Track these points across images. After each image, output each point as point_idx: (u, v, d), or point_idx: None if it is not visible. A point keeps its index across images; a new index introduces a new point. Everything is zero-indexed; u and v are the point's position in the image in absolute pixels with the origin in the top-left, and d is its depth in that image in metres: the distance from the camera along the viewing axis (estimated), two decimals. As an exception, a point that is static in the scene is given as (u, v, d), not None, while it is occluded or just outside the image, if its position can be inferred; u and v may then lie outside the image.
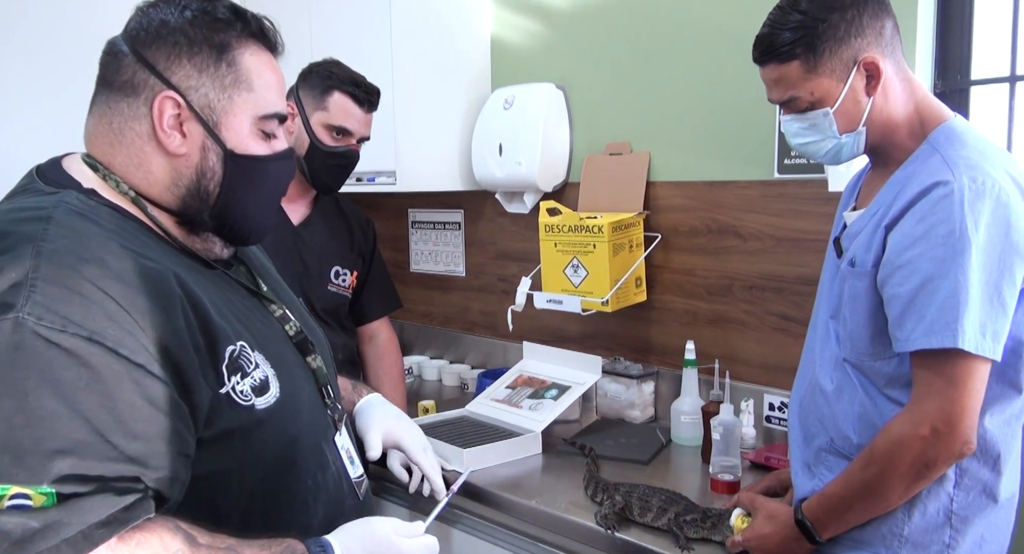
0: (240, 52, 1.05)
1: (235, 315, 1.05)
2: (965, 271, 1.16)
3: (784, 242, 2.03)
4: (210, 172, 1.04)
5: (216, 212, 1.06)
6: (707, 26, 2.13)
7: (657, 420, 2.27)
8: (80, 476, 0.82)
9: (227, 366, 0.98)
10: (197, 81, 1.02)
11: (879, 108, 1.30)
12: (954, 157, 1.22)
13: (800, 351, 2.02)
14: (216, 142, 1.03)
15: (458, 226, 2.84)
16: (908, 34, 1.81)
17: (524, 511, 1.75)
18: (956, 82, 1.85)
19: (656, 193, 2.27)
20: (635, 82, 2.29)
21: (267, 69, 1.07)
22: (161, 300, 0.92)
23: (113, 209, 1.01)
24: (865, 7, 1.28)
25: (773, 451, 1.92)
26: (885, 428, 1.25)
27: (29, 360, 0.82)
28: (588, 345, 2.44)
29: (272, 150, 1.09)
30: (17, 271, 0.85)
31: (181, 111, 1.02)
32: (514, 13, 2.56)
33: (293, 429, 1.07)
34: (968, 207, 1.16)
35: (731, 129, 2.11)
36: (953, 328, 1.15)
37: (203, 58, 1.02)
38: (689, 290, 2.23)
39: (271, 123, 1.08)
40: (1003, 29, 1.81)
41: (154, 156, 1.03)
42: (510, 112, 2.43)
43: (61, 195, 0.98)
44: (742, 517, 1.47)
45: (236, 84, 1.04)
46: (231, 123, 1.04)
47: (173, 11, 1.03)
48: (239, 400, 0.99)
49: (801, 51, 1.28)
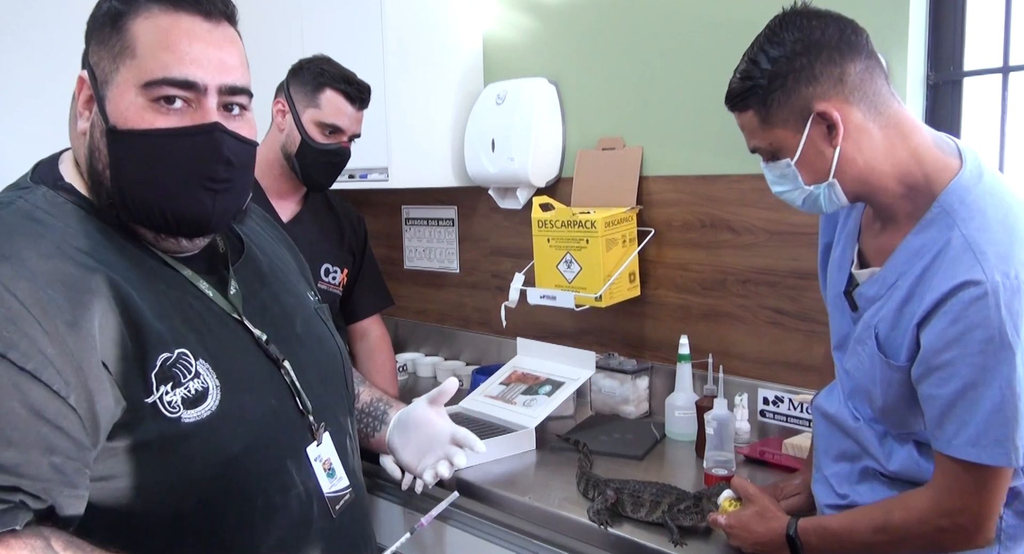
0: (132, 18, 0.95)
1: (188, 320, 0.98)
2: (1011, 380, 1.07)
3: (777, 236, 2.03)
4: (97, 150, 0.96)
5: (115, 198, 0.96)
6: (699, 20, 2.12)
7: (651, 415, 2.27)
8: None
9: (156, 374, 0.92)
10: (98, 56, 0.96)
11: (850, 158, 1.19)
12: (978, 242, 1.11)
13: (794, 345, 2.02)
14: (102, 118, 0.95)
15: (451, 222, 2.83)
16: (901, 26, 1.81)
17: (518, 507, 1.75)
18: (949, 73, 1.85)
19: (649, 188, 2.26)
20: (628, 77, 2.28)
21: (164, 31, 0.94)
22: (77, 305, 0.87)
23: (82, 207, 0.97)
24: (819, 55, 1.17)
25: (767, 445, 1.92)
26: (906, 501, 1.21)
27: None
28: (582, 341, 2.44)
29: (170, 124, 0.95)
30: None
31: (89, 89, 0.97)
32: (506, 8, 2.55)
33: (232, 446, 0.98)
34: (1005, 310, 1.07)
35: (724, 123, 2.09)
36: (1005, 447, 1.09)
37: (102, 31, 0.97)
38: (683, 285, 2.23)
39: (162, 90, 0.94)
40: (996, 20, 1.80)
41: (76, 139, 0.99)
42: (503, 107, 2.42)
43: (28, 191, 0.96)
44: (731, 500, 1.47)
45: (123, 52, 0.94)
46: (114, 95, 0.94)
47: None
48: (165, 411, 0.92)
49: (754, 102, 1.22)
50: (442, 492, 1.60)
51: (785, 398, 2.02)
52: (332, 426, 1.15)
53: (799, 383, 2.02)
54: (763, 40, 1.22)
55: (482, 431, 2.01)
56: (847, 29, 1.19)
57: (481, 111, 2.49)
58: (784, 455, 1.87)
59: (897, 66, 1.82)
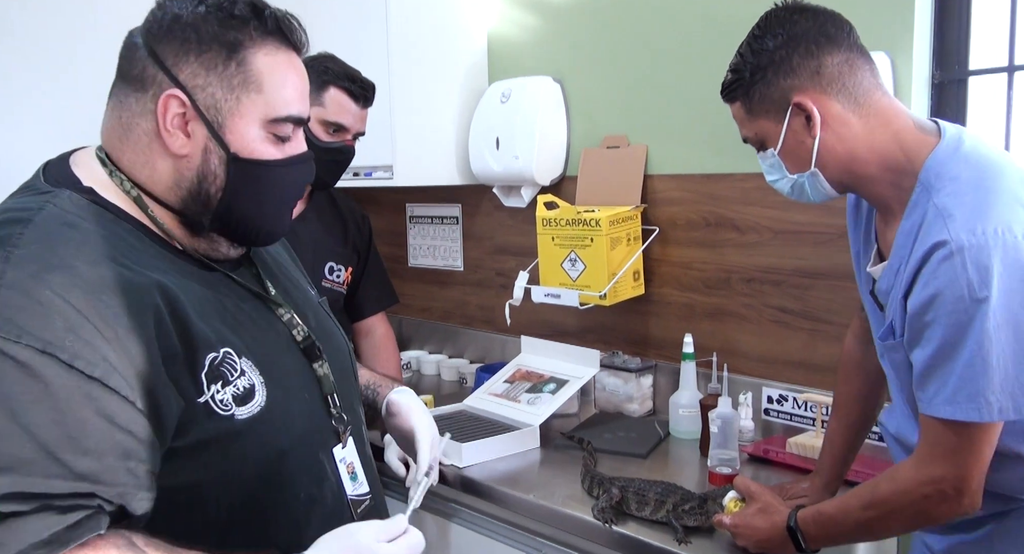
0: (253, 52, 0.99)
1: (225, 320, 1.00)
2: (982, 336, 1.07)
3: (782, 235, 2.03)
4: (211, 175, 1.00)
5: (218, 216, 1.02)
6: (704, 18, 2.12)
7: (655, 413, 2.27)
8: (21, 494, 0.79)
9: (206, 374, 0.94)
10: (204, 80, 0.98)
11: (830, 147, 1.23)
12: (948, 206, 1.13)
13: (798, 344, 2.02)
14: (219, 145, 0.99)
15: (456, 220, 2.83)
16: (906, 25, 1.80)
17: (522, 505, 1.75)
18: (954, 72, 1.84)
19: (654, 186, 2.26)
20: (632, 75, 2.28)
21: (283, 70, 1.02)
22: (131, 309, 0.88)
23: (107, 209, 0.98)
24: (796, 47, 1.21)
25: (771, 444, 1.92)
26: (892, 474, 1.21)
27: None
28: (586, 339, 2.44)
29: (284, 154, 1.04)
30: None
31: (186, 110, 0.98)
32: (511, 6, 2.55)
33: (280, 441, 1.01)
34: (972, 266, 1.08)
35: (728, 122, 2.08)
36: (977, 401, 1.09)
37: (212, 56, 0.98)
38: (687, 283, 2.23)
39: (283, 126, 1.03)
40: (1001, 19, 1.80)
41: (158, 155, 1.00)
42: (507, 106, 2.42)
43: (52, 195, 0.96)
44: (735, 500, 1.47)
45: (245, 85, 0.99)
46: (236, 126, 1.00)
47: (189, 5, 0.99)
48: (218, 410, 0.95)
49: (739, 94, 1.29)
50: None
51: (789, 397, 2.02)
52: (353, 426, 1.17)
53: (803, 382, 2.02)
54: (750, 35, 1.27)
55: (486, 429, 2.02)
56: (827, 23, 1.23)
57: (486, 109, 2.49)
58: (788, 454, 1.87)
59: (902, 65, 1.82)
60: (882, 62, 1.80)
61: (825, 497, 1.58)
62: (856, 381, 1.55)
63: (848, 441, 1.58)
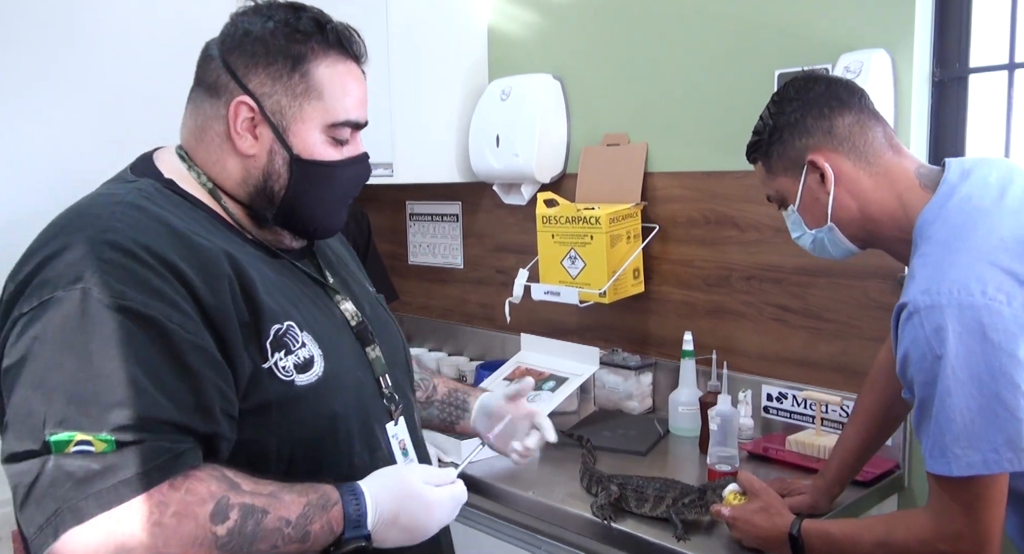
0: (315, 63, 1.11)
1: (289, 298, 1.10)
2: (945, 393, 1.10)
3: (782, 232, 2.01)
4: (276, 174, 1.11)
5: (281, 211, 1.13)
6: (705, 17, 2.12)
7: (655, 411, 2.27)
8: (136, 427, 0.90)
9: (271, 343, 1.04)
10: (271, 89, 1.09)
11: (843, 204, 1.30)
12: (915, 266, 1.19)
13: (798, 342, 2.02)
14: (283, 147, 1.10)
15: (456, 218, 2.83)
16: (906, 23, 1.80)
17: (522, 502, 1.75)
18: (954, 70, 1.84)
19: (654, 184, 2.26)
20: (632, 73, 2.28)
21: (342, 79, 1.13)
22: (210, 277, 0.99)
23: (185, 198, 1.10)
24: (810, 110, 1.31)
25: (771, 441, 1.92)
26: (909, 521, 1.22)
27: (93, 325, 0.91)
28: (586, 336, 2.44)
29: (342, 156, 1.15)
30: (85, 248, 0.95)
31: (254, 115, 1.09)
32: (511, 3, 2.54)
33: (334, 406, 1.10)
34: (928, 327, 1.11)
35: (729, 119, 2.10)
36: (946, 456, 1.11)
37: (278, 68, 1.09)
38: (687, 281, 2.23)
39: (342, 130, 1.14)
40: (1002, 16, 1.80)
41: (229, 154, 1.11)
42: (507, 103, 2.42)
43: (139, 183, 1.08)
44: (735, 493, 1.48)
45: (307, 93, 1.10)
46: (299, 130, 1.11)
47: (259, 21, 1.10)
48: (280, 375, 1.04)
49: (759, 155, 1.38)
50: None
51: (789, 394, 2.02)
52: (405, 409, 1.25)
53: (803, 380, 2.02)
54: (771, 101, 1.38)
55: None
56: (839, 88, 1.33)
57: (486, 107, 2.49)
58: (787, 451, 1.87)
59: (903, 63, 1.82)
60: (882, 60, 1.80)
61: (825, 500, 1.59)
62: (883, 393, 1.55)
63: (861, 450, 1.58)
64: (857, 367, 1.92)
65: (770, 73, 1.98)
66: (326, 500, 1.02)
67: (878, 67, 1.78)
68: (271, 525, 0.97)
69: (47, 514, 0.87)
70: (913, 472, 1.87)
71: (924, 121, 1.87)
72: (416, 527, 1.08)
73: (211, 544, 0.92)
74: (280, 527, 0.97)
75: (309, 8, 1.14)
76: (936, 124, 1.88)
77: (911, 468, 1.87)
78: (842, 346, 1.96)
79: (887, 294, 1.87)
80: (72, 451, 0.88)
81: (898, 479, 1.84)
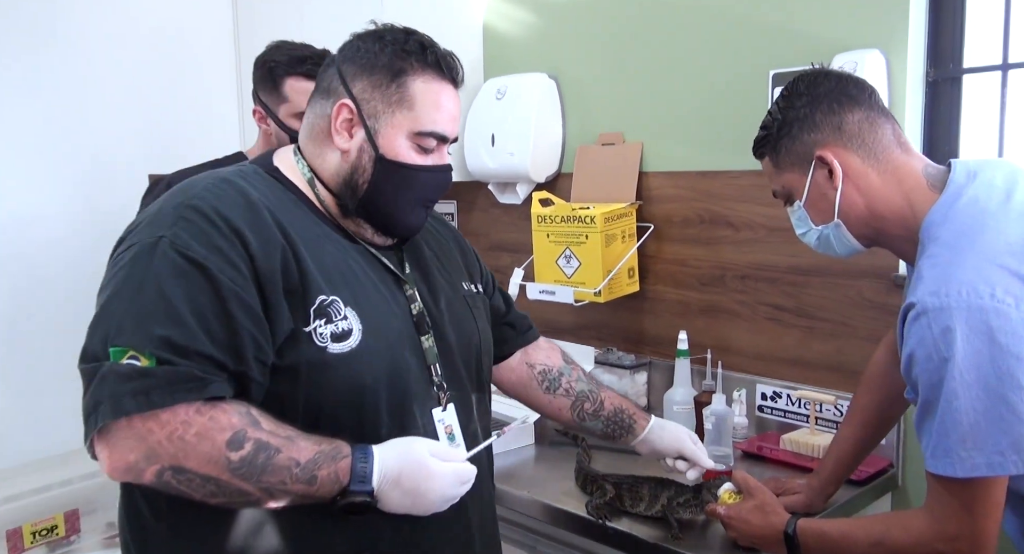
0: (412, 78, 1.24)
1: (346, 277, 1.21)
2: (951, 394, 1.10)
3: (777, 232, 2.03)
4: (361, 169, 1.24)
5: (362, 203, 1.25)
6: (700, 16, 2.12)
7: (650, 410, 2.27)
8: (176, 351, 1.05)
9: (315, 310, 1.15)
10: (370, 95, 1.23)
11: (852, 200, 1.30)
12: (922, 267, 1.18)
13: (792, 341, 2.03)
14: (372, 146, 1.23)
15: (451, 217, 2.83)
16: (901, 23, 1.81)
17: (517, 501, 1.75)
18: (948, 71, 1.85)
19: (649, 183, 2.26)
20: (628, 72, 2.28)
21: (434, 94, 1.25)
22: (267, 244, 1.14)
23: (282, 183, 1.25)
24: (819, 105, 1.30)
25: (765, 440, 1.92)
26: (905, 521, 1.22)
27: (158, 264, 1.08)
28: (581, 336, 2.44)
29: (424, 162, 1.26)
30: (174, 210, 1.13)
31: (353, 117, 1.23)
32: (506, 2, 2.54)
33: (364, 378, 1.18)
34: (936, 328, 1.11)
35: (724, 119, 2.10)
36: (950, 457, 1.11)
37: (380, 78, 1.23)
38: (682, 280, 2.23)
39: (427, 140, 1.25)
40: (995, 17, 1.80)
41: (328, 148, 1.26)
42: (502, 102, 2.42)
43: (245, 166, 1.27)
44: (731, 492, 1.48)
45: (400, 102, 1.23)
46: (388, 133, 1.24)
47: (375, 41, 1.26)
48: (316, 340, 1.15)
49: (767, 150, 1.37)
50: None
51: (783, 393, 2.02)
52: (459, 399, 1.32)
53: (797, 379, 2.03)
54: (780, 95, 1.37)
55: (481, 425, 2.02)
56: (849, 84, 1.32)
57: (481, 106, 2.49)
58: (782, 450, 1.88)
59: (897, 63, 1.82)
60: (876, 60, 1.80)
61: (819, 500, 1.59)
62: (878, 393, 1.55)
63: (856, 450, 1.59)
64: (851, 366, 1.92)
65: (765, 73, 1.99)
66: (337, 452, 1.11)
67: (872, 67, 1.79)
68: (281, 462, 1.07)
69: (93, 406, 1.03)
70: (907, 471, 1.88)
71: (918, 121, 1.88)
72: (417, 492, 1.14)
73: (224, 465, 1.05)
74: (289, 466, 1.07)
75: (419, 34, 1.29)
76: (930, 124, 1.88)
77: (905, 467, 1.88)
78: (836, 345, 1.96)
79: (881, 294, 1.88)
80: (124, 361, 1.04)
81: (892, 478, 1.85)
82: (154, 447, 1.03)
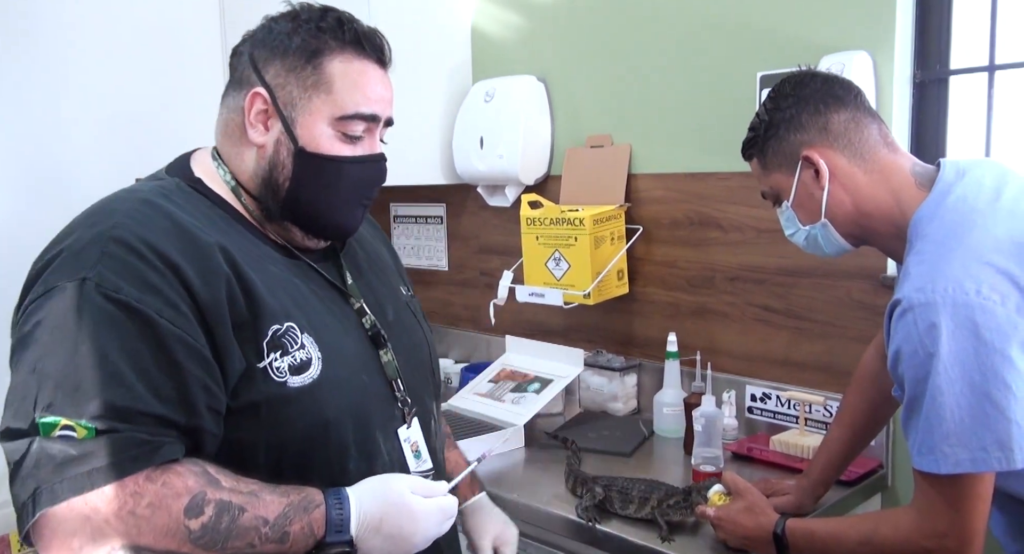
0: (329, 58, 1.11)
1: (296, 299, 1.10)
2: (936, 390, 1.11)
3: (766, 233, 2.04)
4: (280, 165, 1.12)
5: (286, 204, 1.13)
6: (687, 19, 2.12)
7: (639, 412, 2.27)
8: (115, 416, 0.92)
9: (268, 343, 1.04)
10: (284, 80, 1.11)
11: (838, 200, 1.30)
12: (909, 264, 1.19)
13: (781, 342, 2.03)
14: (290, 138, 1.11)
15: (440, 220, 2.83)
16: (887, 23, 1.81)
17: (506, 505, 1.73)
18: (935, 71, 1.86)
19: (637, 185, 2.26)
20: (616, 75, 2.28)
21: (355, 73, 1.13)
22: (208, 275, 1.00)
23: (208, 197, 1.12)
24: (805, 106, 1.31)
25: (755, 442, 1.92)
26: (894, 520, 1.22)
27: (87, 315, 0.94)
28: (570, 338, 2.44)
29: (352, 153, 1.14)
30: (93, 242, 0.98)
31: (268, 107, 1.11)
32: (495, 5, 2.54)
33: (327, 411, 1.09)
34: (921, 324, 1.11)
35: (712, 121, 2.11)
36: (934, 454, 1.12)
37: (294, 60, 1.11)
38: (671, 282, 2.23)
39: (352, 125, 1.13)
40: (982, 18, 1.81)
41: (244, 145, 1.13)
42: (491, 105, 2.42)
43: (164, 181, 1.12)
44: (720, 494, 1.48)
45: (316, 86, 1.11)
46: (307, 122, 1.11)
47: (288, 20, 1.13)
48: (273, 376, 1.04)
49: (755, 151, 1.38)
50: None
51: (772, 395, 2.03)
52: (420, 410, 1.24)
53: (787, 380, 2.03)
54: (767, 97, 1.37)
55: (471, 429, 2.02)
56: (835, 85, 1.33)
57: (470, 109, 2.48)
58: (771, 451, 1.88)
59: (883, 64, 1.83)
60: (863, 61, 1.81)
61: (809, 500, 1.59)
62: (868, 394, 1.55)
63: (846, 451, 1.59)
64: (840, 367, 1.93)
65: (752, 75, 1.99)
66: (308, 502, 1.01)
67: (859, 69, 1.79)
68: (247, 523, 0.97)
69: (28, 492, 0.91)
70: (896, 471, 1.88)
71: (905, 122, 1.88)
72: (400, 536, 1.05)
73: (183, 537, 0.94)
74: (257, 526, 0.97)
75: (337, 10, 1.15)
76: (917, 125, 1.89)
77: (894, 467, 1.88)
78: (825, 346, 1.96)
79: (870, 294, 1.88)
80: (56, 435, 0.91)
81: (881, 478, 1.85)
82: (100, 527, 0.91)
